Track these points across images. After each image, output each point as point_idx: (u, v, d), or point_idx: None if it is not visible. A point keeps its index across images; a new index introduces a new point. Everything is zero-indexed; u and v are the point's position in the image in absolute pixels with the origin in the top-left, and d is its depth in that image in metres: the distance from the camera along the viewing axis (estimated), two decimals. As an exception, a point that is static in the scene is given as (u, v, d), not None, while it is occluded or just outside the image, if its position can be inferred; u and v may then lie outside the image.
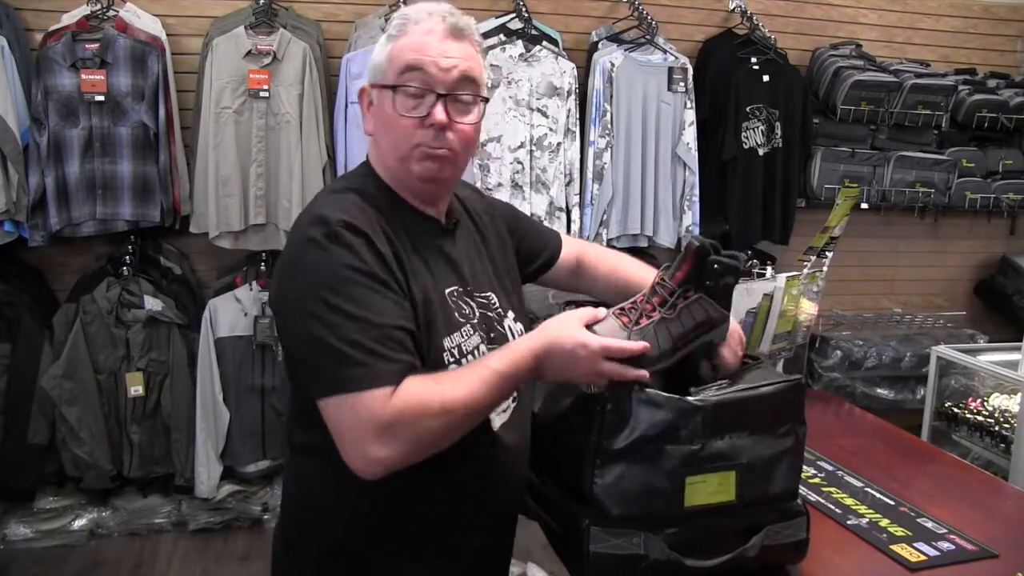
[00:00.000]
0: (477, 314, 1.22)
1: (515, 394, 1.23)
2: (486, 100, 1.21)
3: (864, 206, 3.93)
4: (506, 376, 1.09)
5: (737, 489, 1.14)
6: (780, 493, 1.20)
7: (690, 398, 1.12)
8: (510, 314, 1.29)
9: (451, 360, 1.15)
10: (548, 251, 1.48)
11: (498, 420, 1.22)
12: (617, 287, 1.45)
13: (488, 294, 1.27)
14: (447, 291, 1.19)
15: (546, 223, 3.40)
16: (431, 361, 1.12)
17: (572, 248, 1.52)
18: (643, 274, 1.43)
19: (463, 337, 1.18)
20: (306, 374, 1.10)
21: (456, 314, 1.18)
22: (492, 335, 1.23)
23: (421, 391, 1.05)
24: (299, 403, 1.21)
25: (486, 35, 3.40)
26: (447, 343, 1.15)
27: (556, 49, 3.45)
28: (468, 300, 1.22)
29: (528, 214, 3.35)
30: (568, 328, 1.10)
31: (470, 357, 1.17)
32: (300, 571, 1.25)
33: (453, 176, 1.22)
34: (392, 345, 1.06)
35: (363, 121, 1.23)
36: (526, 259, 1.44)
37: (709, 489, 1.13)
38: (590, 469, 1.12)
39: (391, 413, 1.02)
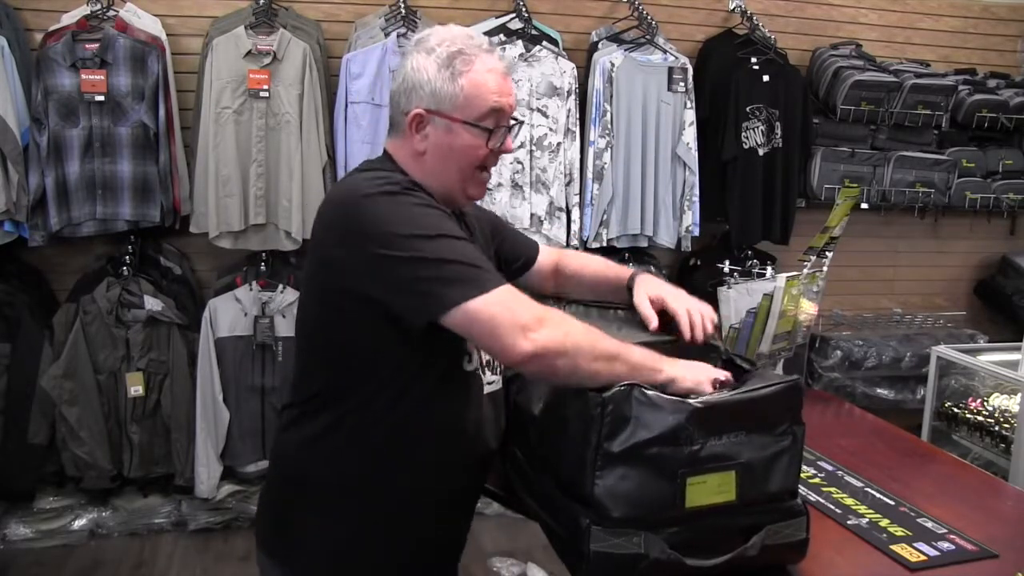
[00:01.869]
0: None
1: (500, 371, 1.38)
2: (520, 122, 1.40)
3: (864, 206, 3.93)
4: (638, 349, 1.21)
5: (737, 489, 1.14)
6: (780, 492, 1.20)
7: (689, 400, 1.13)
8: None
9: (472, 346, 1.30)
10: (527, 255, 1.63)
11: (488, 387, 1.37)
12: (590, 284, 1.62)
13: None
14: None
15: (546, 223, 3.41)
16: (454, 349, 1.28)
17: (550, 255, 1.67)
18: (609, 270, 1.61)
19: None
20: (425, 298, 1.16)
21: None
22: None
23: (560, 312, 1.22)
24: (309, 365, 1.33)
25: (486, 35, 3.39)
26: None
27: (556, 49, 3.45)
28: None
29: (528, 214, 3.39)
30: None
31: (478, 353, 1.33)
32: (300, 524, 1.35)
33: None
34: (487, 259, 1.22)
35: (408, 140, 1.32)
36: (507, 260, 1.58)
37: (709, 489, 1.13)
38: (591, 471, 1.12)
39: (540, 308, 1.17)
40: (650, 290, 1.47)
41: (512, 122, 1.34)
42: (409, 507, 1.34)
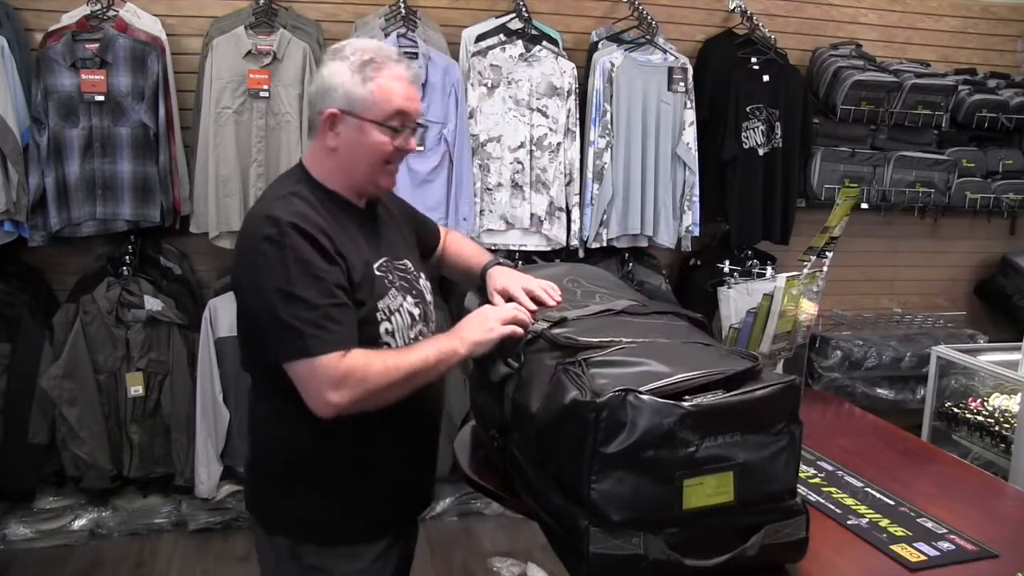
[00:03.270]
0: (399, 279, 1.53)
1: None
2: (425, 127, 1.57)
3: (864, 206, 3.93)
4: (435, 346, 1.43)
5: (735, 489, 1.14)
6: (778, 492, 1.20)
7: (684, 403, 1.12)
8: (422, 274, 1.63)
9: (383, 318, 1.46)
10: (433, 238, 1.79)
11: None
12: (460, 270, 1.78)
13: (404, 261, 1.58)
14: (376, 264, 1.49)
15: (546, 223, 3.41)
16: (369, 320, 1.44)
17: (442, 239, 1.82)
18: (470, 259, 1.75)
19: (391, 299, 1.49)
20: (272, 345, 1.38)
21: (385, 281, 1.49)
22: (414, 291, 1.56)
23: (367, 356, 1.37)
24: (255, 364, 1.52)
25: (486, 35, 3.40)
26: (380, 305, 1.46)
27: (556, 49, 3.45)
28: (392, 268, 1.53)
29: (528, 214, 3.39)
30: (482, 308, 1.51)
31: (397, 315, 1.49)
32: (269, 491, 1.55)
33: None
34: (335, 320, 1.36)
35: (321, 137, 1.47)
36: (417, 241, 1.72)
37: (707, 491, 1.13)
38: (587, 475, 1.12)
39: (343, 370, 1.34)
40: (497, 284, 1.60)
41: (416, 125, 1.50)
42: (388, 472, 1.52)
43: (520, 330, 1.43)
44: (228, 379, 3.17)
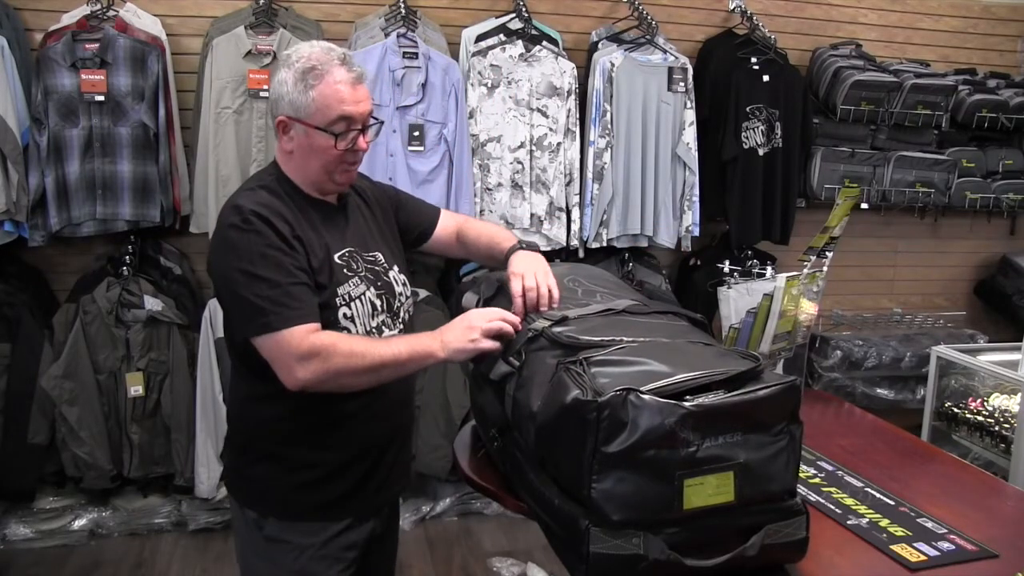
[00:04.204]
0: (364, 268, 1.59)
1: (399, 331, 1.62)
2: (382, 122, 1.65)
3: (864, 206, 3.93)
4: (411, 344, 1.46)
5: (736, 489, 1.14)
6: (778, 492, 1.20)
7: (685, 403, 1.12)
8: (395, 267, 1.67)
9: (342, 304, 1.52)
10: (426, 223, 1.82)
11: None
12: (484, 253, 1.79)
13: (375, 253, 1.63)
14: (338, 254, 1.55)
15: (546, 223, 3.41)
16: (328, 305, 1.50)
17: (452, 222, 1.85)
18: (493, 243, 1.76)
19: (351, 287, 1.54)
20: (240, 323, 1.47)
21: (345, 270, 1.55)
22: (379, 283, 1.60)
23: (336, 337, 1.44)
24: (230, 344, 1.59)
25: (486, 35, 3.40)
26: (340, 291, 1.52)
27: (556, 49, 3.45)
28: (357, 259, 1.58)
29: (528, 214, 3.39)
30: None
31: (358, 302, 1.55)
32: (238, 464, 1.64)
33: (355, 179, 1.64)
34: (296, 297, 1.43)
35: (279, 141, 1.56)
36: (405, 228, 1.79)
37: (708, 491, 1.13)
38: (588, 474, 1.12)
39: (308, 345, 1.40)
40: (515, 268, 1.59)
41: (372, 122, 1.55)
42: (347, 454, 1.58)
43: (500, 347, 1.43)
44: (228, 379, 3.17)
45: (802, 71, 3.90)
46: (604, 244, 3.52)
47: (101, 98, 2.99)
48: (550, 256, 3.46)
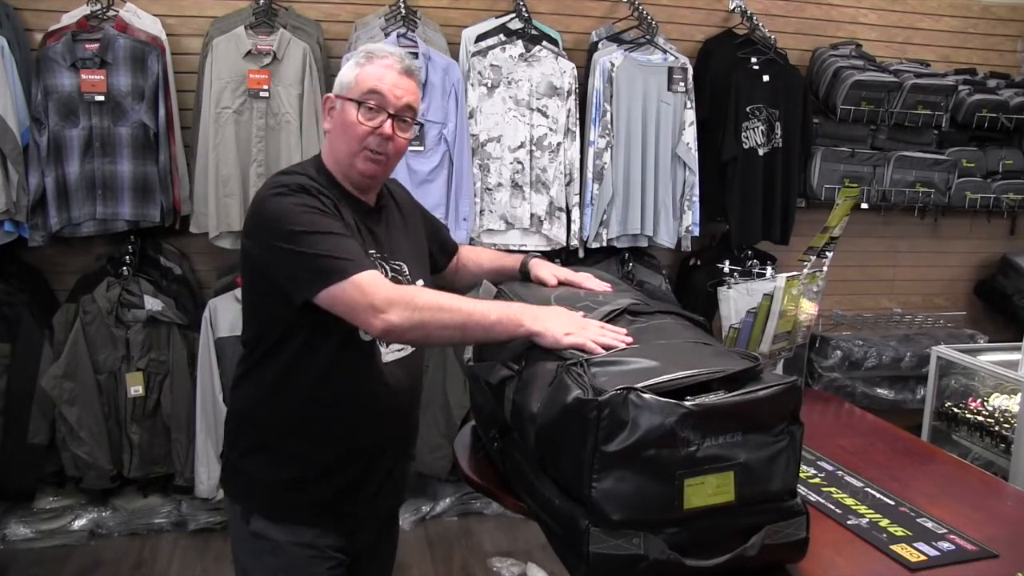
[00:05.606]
0: (389, 273, 1.56)
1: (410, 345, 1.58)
2: (421, 124, 1.61)
3: (864, 206, 3.93)
4: (500, 307, 1.40)
5: (736, 489, 1.14)
6: (779, 492, 1.20)
7: (686, 402, 1.12)
8: (419, 281, 1.62)
9: None
10: (447, 251, 1.86)
11: (390, 356, 1.57)
12: (491, 274, 1.81)
13: (401, 263, 1.60)
14: (367, 252, 1.51)
15: (546, 223, 3.41)
16: None
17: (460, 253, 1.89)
18: (503, 260, 1.82)
19: None
20: (305, 281, 1.39)
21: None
22: None
23: (413, 288, 1.44)
24: (262, 323, 1.54)
25: (486, 35, 3.40)
26: None
27: (556, 49, 3.45)
28: (383, 263, 1.56)
29: (528, 214, 3.39)
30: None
31: None
32: (232, 457, 1.64)
33: (384, 174, 1.59)
34: (357, 248, 1.42)
35: (323, 120, 1.58)
36: (427, 254, 1.77)
37: (708, 490, 1.13)
38: (588, 473, 1.12)
39: (390, 289, 1.37)
40: (551, 270, 1.68)
41: (409, 120, 1.54)
42: (323, 451, 1.55)
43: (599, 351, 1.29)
44: (228, 379, 3.17)
45: (802, 71, 3.90)
46: (604, 244, 3.52)
47: (101, 98, 2.99)
48: (550, 256, 3.49)
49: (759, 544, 1.17)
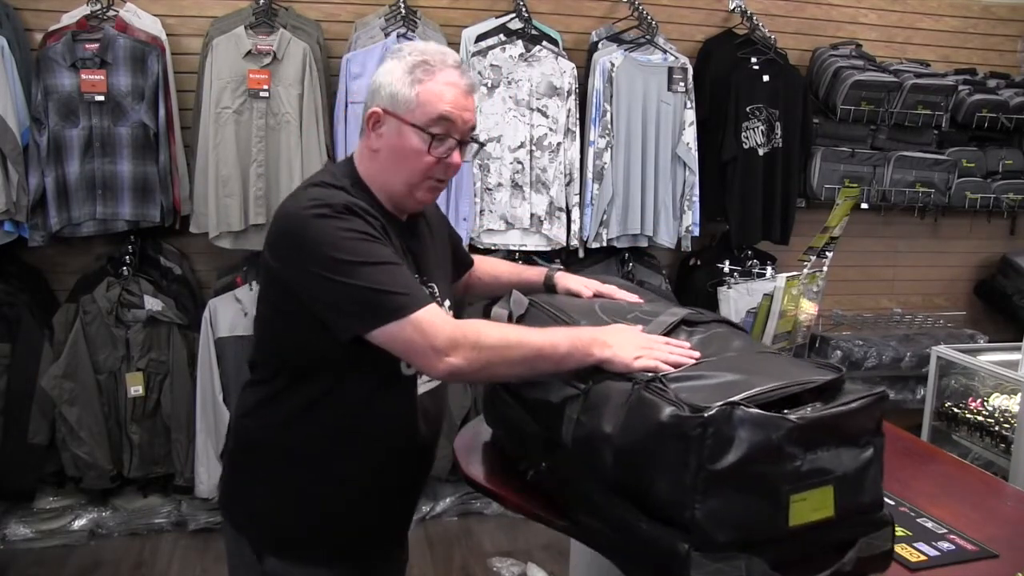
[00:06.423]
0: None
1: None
2: (482, 144, 1.52)
3: (864, 206, 3.93)
4: (570, 336, 1.27)
5: (836, 503, 1.11)
6: (870, 504, 1.17)
7: (789, 415, 1.07)
8: (447, 302, 1.53)
9: None
10: (462, 266, 1.76)
11: (422, 388, 1.46)
12: (508, 283, 1.72)
13: (433, 284, 1.49)
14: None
15: (546, 223, 3.41)
16: None
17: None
18: (524, 272, 1.75)
19: None
20: (355, 316, 1.27)
21: None
22: None
23: (479, 322, 1.29)
24: (263, 358, 1.45)
25: (486, 35, 3.40)
26: None
27: (556, 49, 3.45)
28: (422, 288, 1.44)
29: (528, 214, 3.39)
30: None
31: None
32: (242, 487, 1.54)
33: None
34: (413, 280, 1.31)
35: (366, 137, 1.41)
36: (451, 266, 1.68)
37: (811, 506, 1.09)
38: (691, 495, 1.06)
39: (453, 327, 1.26)
40: (582, 281, 1.60)
41: (471, 141, 1.42)
42: (349, 488, 1.44)
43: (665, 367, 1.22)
44: (228, 379, 3.17)
45: (802, 71, 3.90)
46: (604, 244, 3.52)
47: (101, 98, 2.99)
48: (550, 256, 3.49)
49: (855, 558, 1.13)
